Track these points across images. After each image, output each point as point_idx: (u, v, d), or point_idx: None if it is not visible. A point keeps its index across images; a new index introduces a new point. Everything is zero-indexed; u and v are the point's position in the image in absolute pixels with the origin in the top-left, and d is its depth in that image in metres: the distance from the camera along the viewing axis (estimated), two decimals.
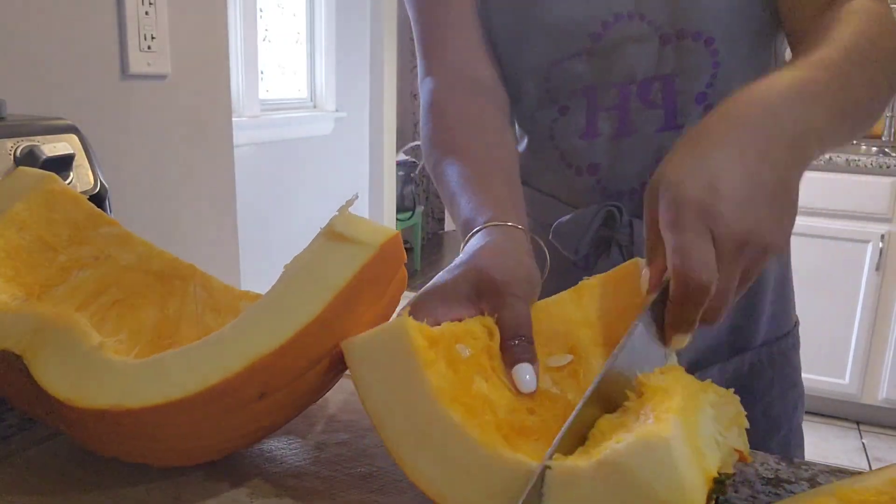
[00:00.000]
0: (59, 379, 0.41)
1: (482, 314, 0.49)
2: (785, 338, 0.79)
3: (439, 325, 0.46)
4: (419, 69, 0.76)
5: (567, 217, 0.71)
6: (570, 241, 0.70)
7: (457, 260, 0.54)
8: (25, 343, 0.43)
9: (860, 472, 0.51)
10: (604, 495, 0.34)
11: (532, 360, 0.47)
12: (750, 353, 0.76)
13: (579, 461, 0.36)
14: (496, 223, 0.57)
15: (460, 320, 0.48)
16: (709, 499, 0.35)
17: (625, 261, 0.68)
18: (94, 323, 0.51)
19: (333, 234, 0.45)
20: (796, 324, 0.82)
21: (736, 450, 0.40)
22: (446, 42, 0.73)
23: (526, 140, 0.78)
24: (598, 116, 0.70)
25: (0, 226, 0.52)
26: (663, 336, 0.47)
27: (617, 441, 0.36)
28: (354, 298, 0.43)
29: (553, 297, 0.51)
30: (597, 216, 0.69)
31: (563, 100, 0.71)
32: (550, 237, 0.70)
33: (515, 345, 0.47)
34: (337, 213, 0.46)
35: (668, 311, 0.45)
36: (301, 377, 0.43)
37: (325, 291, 0.42)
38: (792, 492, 0.48)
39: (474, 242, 0.55)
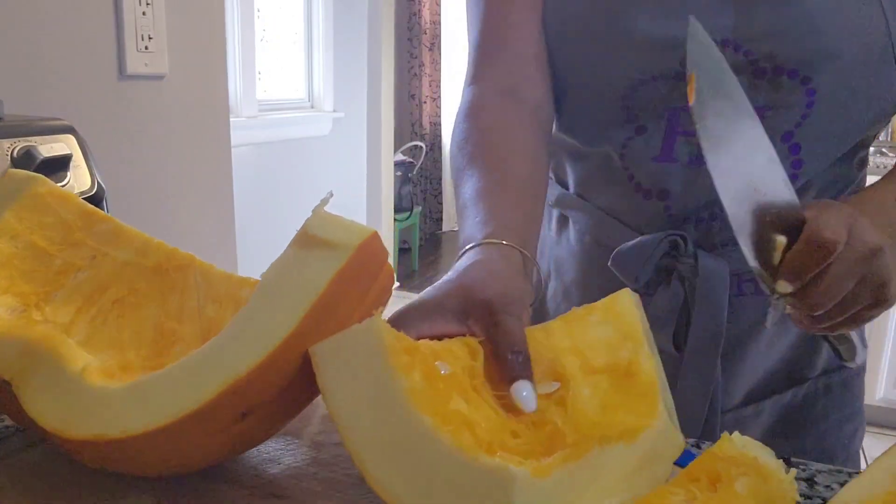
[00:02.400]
0: (46, 408, 0.41)
1: (470, 334, 0.47)
2: (846, 367, 0.76)
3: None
4: (467, 74, 0.72)
5: (627, 245, 0.68)
6: (630, 268, 0.67)
7: (445, 277, 0.52)
8: (14, 369, 0.42)
9: (858, 473, 0.51)
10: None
11: (531, 377, 0.45)
12: (807, 383, 0.74)
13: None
14: (492, 241, 0.54)
15: (443, 338, 0.46)
16: None
17: (685, 293, 0.67)
18: (96, 325, 0.50)
19: (307, 239, 0.42)
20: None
21: None
22: (498, 54, 0.70)
23: (588, 159, 0.73)
24: (676, 140, 0.67)
25: None
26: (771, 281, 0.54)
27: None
28: (333, 305, 0.41)
29: (541, 324, 0.49)
30: (660, 245, 0.66)
31: (641, 119, 0.67)
32: (609, 264, 0.68)
33: (512, 360, 0.45)
34: (311, 214, 0.43)
35: (787, 257, 0.53)
36: (285, 391, 0.42)
37: (300, 303, 0.40)
38: None
39: (465, 260, 0.53)
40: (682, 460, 0.46)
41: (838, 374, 0.75)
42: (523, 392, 0.43)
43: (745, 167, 0.54)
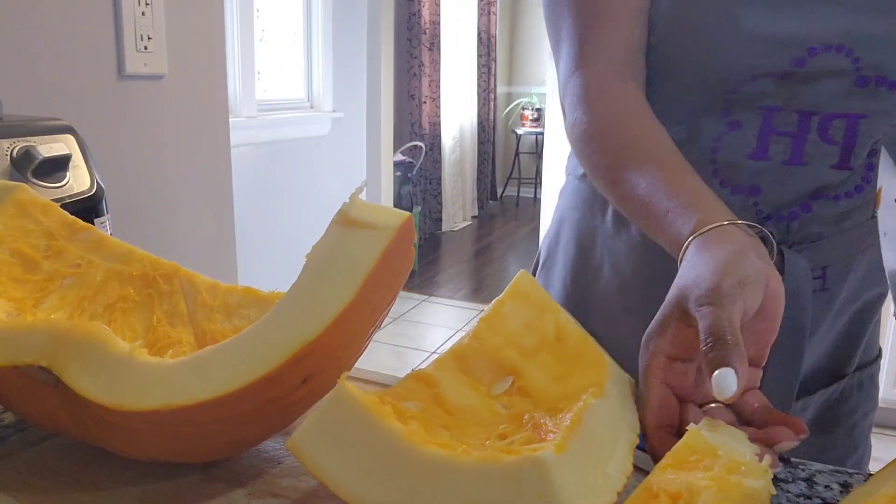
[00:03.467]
0: (99, 387, 0.41)
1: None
2: (874, 362, 0.81)
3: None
4: (567, 65, 0.69)
5: None
6: None
7: (689, 265, 0.50)
8: (50, 356, 0.42)
9: (858, 473, 0.51)
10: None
11: (733, 363, 0.42)
12: (846, 378, 0.77)
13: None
14: (703, 230, 0.52)
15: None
16: None
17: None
18: None
19: (348, 220, 0.46)
20: (880, 349, 0.83)
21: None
22: (605, 37, 0.67)
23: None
24: (770, 139, 0.67)
25: None
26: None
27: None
28: (381, 278, 0.45)
29: (468, 332, 0.50)
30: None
31: (735, 114, 0.67)
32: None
33: (709, 348, 0.42)
34: (347, 201, 0.47)
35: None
36: (340, 359, 0.45)
37: (356, 275, 0.44)
38: (789, 491, 0.48)
39: (686, 263, 0.51)
40: None
41: (868, 368, 0.79)
42: (725, 379, 0.41)
43: None
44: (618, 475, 0.39)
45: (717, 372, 0.41)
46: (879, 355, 0.83)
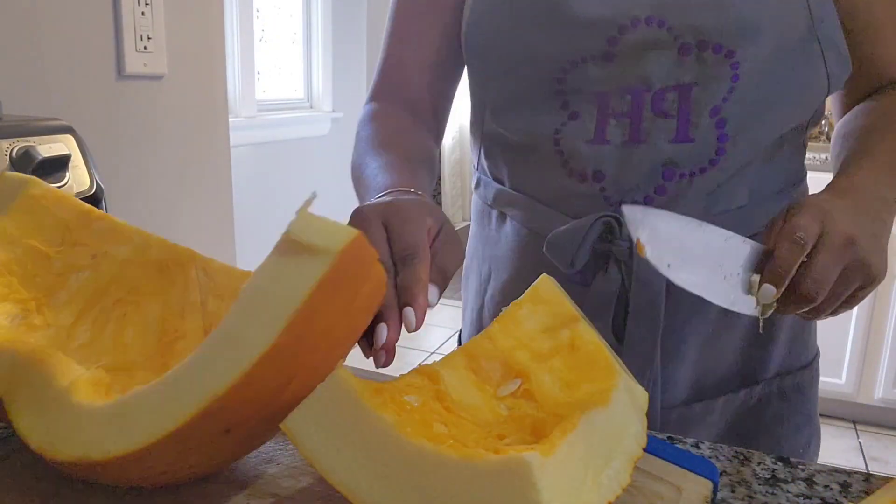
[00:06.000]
0: (32, 427, 0.41)
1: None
2: (802, 371, 0.76)
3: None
4: (371, 90, 0.83)
5: (561, 228, 0.68)
6: (564, 253, 0.67)
7: (368, 202, 0.55)
8: (4, 383, 0.42)
9: (857, 472, 0.51)
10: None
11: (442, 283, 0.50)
12: (760, 385, 0.73)
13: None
14: (408, 189, 0.59)
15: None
16: None
17: (623, 278, 0.67)
18: (99, 326, 0.50)
19: (289, 244, 0.40)
20: (816, 355, 0.79)
21: None
22: (396, 79, 0.80)
23: (522, 149, 0.74)
24: (608, 123, 0.67)
25: None
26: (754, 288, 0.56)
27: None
28: (316, 316, 0.39)
29: (481, 333, 0.50)
30: (593, 227, 0.66)
31: (573, 105, 0.69)
32: (544, 249, 0.68)
33: (403, 276, 0.48)
34: (294, 216, 0.41)
35: (769, 265, 0.55)
36: (271, 405, 0.40)
37: (278, 316, 0.38)
38: (788, 491, 0.49)
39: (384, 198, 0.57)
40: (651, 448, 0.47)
41: (791, 377, 0.75)
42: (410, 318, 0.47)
43: (707, 265, 0.57)
44: (611, 485, 0.39)
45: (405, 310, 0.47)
46: (812, 364, 0.78)
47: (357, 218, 0.51)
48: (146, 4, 1.25)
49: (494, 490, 0.36)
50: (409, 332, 0.47)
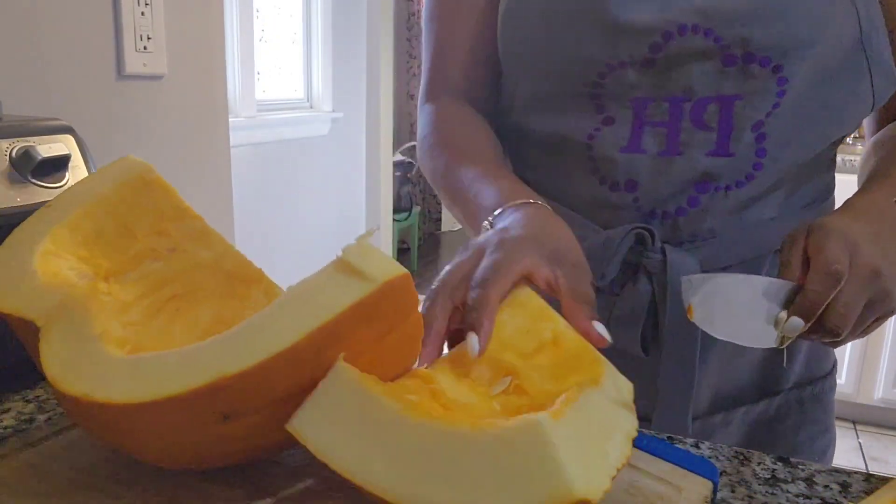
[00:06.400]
0: (54, 356, 0.42)
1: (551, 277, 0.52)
2: (821, 381, 0.75)
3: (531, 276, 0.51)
4: (422, 93, 0.80)
5: (593, 240, 0.66)
6: (595, 265, 0.64)
7: (490, 232, 0.55)
8: (47, 316, 0.44)
9: (857, 472, 0.51)
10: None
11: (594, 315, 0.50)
12: (780, 395, 0.73)
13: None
14: (534, 201, 0.59)
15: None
16: None
17: (654, 290, 0.66)
18: (150, 313, 0.52)
19: (343, 264, 0.42)
20: (835, 364, 0.78)
21: None
22: (448, 74, 0.78)
23: (554, 153, 0.73)
24: (643, 131, 0.66)
25: (91, 206, 0.53)
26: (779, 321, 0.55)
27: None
28: (342, 335, 0.40)
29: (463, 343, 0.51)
30: (626, 238, 0.64)
31: (608, 110, 0.67)
32: None
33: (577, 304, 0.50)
34: (354, 242, 0.43)
35: (799, 298, 0.54)
36: (274, 406, 0.40)
37: (308, 322, 0.39)
38: (788, 492, 0.49)
39: (511, 217, 0.57)
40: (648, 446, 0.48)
41: (811, 387, 0.74)
42: (596, 328, 0.49)
43: (745, 314, 0.57)
44: (616, 456, 0.39)
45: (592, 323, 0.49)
46: (831, 373, 0.77)
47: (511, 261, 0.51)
48: (146, 4, 1.25)
49: (511, 453, 0.36)
50: (472, 357, 0.47)
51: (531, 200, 0.59)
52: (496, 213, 0.58)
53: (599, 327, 0.49)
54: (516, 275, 0.50)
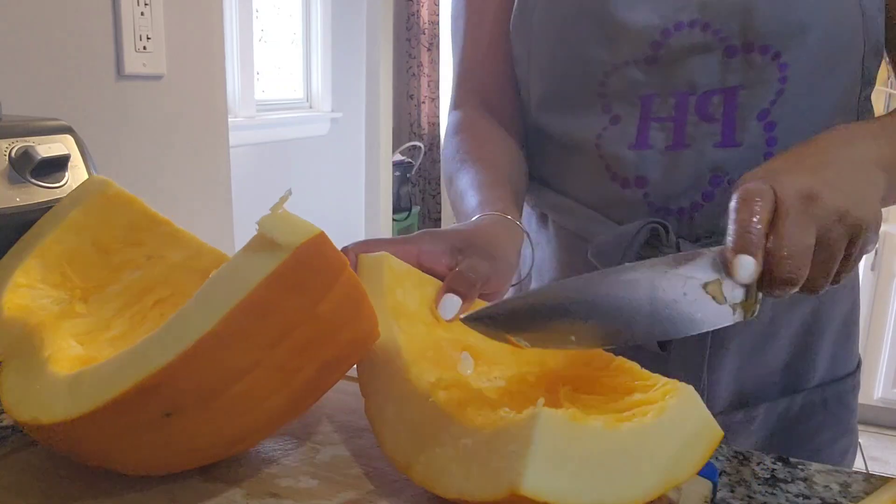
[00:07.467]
0: (9, 388, 0.43)
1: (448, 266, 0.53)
2: (844, 380, 0.75)
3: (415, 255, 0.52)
4: (452, 99, 0.83)
5: (607, 235, 0.67)
6: (610, 260, 0.65)
7: (454, 226, 0.58)
8: (8, 350, 0.45)
9: (857, 472, 0.51)
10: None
11: (465, 296, 0.50)
12: (803, 393, 0.72)
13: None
14: (499, 213, 0.60)
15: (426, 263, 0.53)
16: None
17: None
18: (135, 322, 0.52)
19: (258, 239, 0.40)
20: (859, 365, 0.78)
21: None
22: (476, 80, 0.80)
23: (566, 151, 0.73)
24: (650, 127, 0.66)
25: (60, 232, 0.54)
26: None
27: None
28: (265, 310, 0.39)
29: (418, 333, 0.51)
30: (640, 233, 0.64)
31: (615, 108, 0.68)
32: (589, 256, 0.67)
33: (454, 279, 0.50)
34: (267, 212, 0.41)
35: (730, 231, 0.47)
36: (219, 395, 0.39)
37: (224, 303, 0.38)
38: (788, 492, 0.49)
39: (477, 220, 0.59)
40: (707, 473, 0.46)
41: (833, 387, 0.74)
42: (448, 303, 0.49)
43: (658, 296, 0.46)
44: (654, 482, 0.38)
45: (445, 296, 0.50)
46: (854, 372, 0.76)
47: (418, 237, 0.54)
48: (146, 4, 1.25)
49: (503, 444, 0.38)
50: (444, 319, 0.49)
51: (496, 213, 0.61)
52: (473, 219, 0.61)
53: (448, 300, 0.49)
54: (394, 249, 0.52)
